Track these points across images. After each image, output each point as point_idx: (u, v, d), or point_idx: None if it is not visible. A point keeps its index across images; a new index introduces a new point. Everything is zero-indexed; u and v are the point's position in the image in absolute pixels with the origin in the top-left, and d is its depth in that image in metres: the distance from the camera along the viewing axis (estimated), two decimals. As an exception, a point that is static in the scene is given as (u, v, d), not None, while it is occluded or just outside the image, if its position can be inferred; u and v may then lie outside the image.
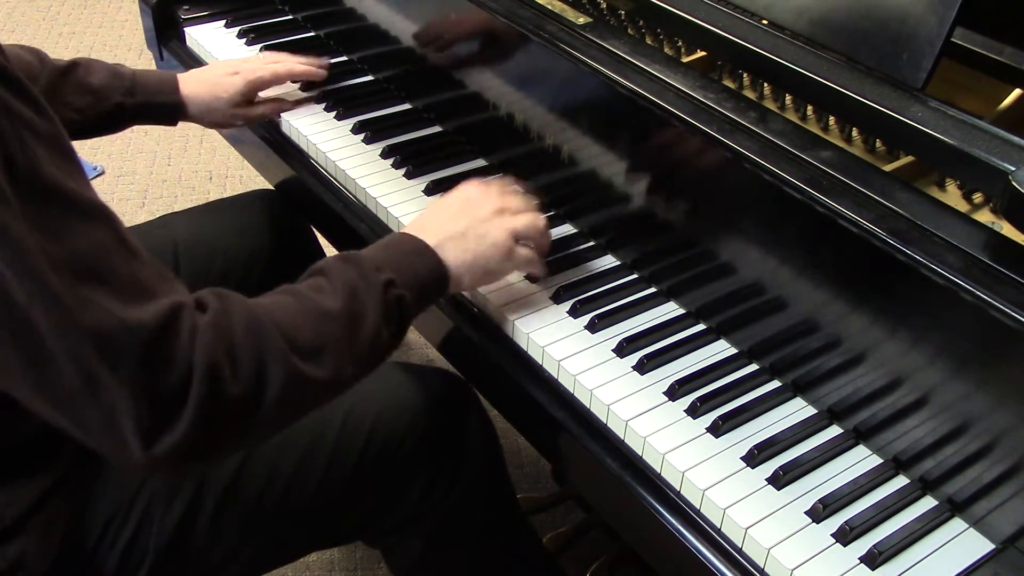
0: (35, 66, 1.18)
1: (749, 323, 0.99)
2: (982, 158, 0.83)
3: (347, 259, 0.88)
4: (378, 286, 0.86)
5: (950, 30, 0.87)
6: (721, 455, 0.90)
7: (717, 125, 0.95)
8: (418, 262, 0.93)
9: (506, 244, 0.99)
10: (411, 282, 0.90)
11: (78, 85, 1.21)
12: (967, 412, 0.82)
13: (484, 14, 1.17)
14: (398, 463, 1.05)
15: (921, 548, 0.84)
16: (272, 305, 0.81)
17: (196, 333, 0.73)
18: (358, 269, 0.87)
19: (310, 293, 0.84)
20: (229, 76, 1.31)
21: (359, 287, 0.85)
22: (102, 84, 1.22)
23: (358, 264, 0.87)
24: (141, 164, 2.63)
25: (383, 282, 0.87)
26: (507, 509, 1.21)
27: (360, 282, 0.85)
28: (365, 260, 0.88)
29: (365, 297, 0.85)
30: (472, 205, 1.01)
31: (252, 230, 1.34)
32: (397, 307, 0.88)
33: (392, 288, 0.87)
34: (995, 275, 0.77)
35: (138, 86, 1.25)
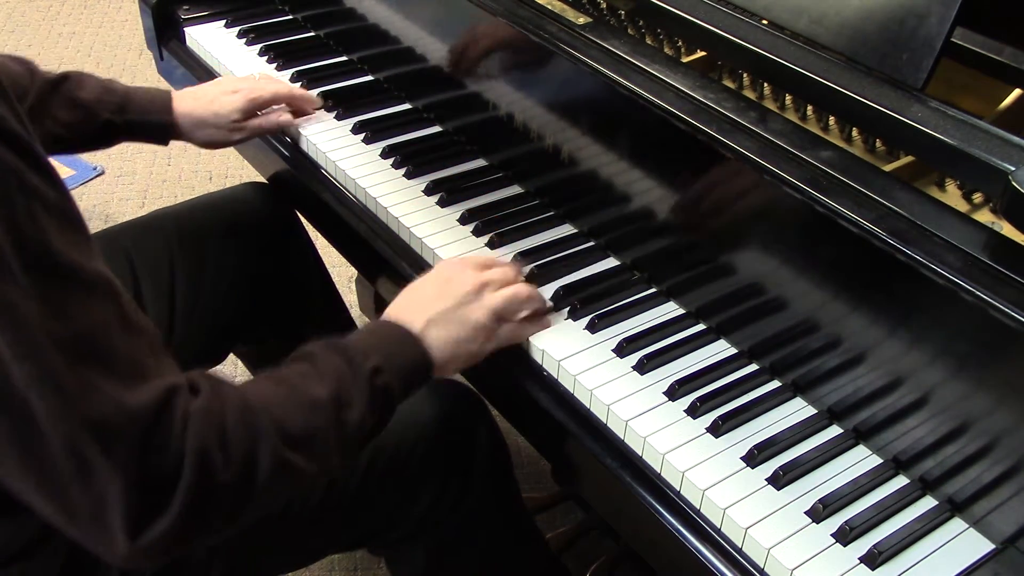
0: (24, 78, 1.16)
1: (749, 323, 0.99)
2: (982, 158, 0.83)
3: (334, 346, 0.87)
4: (365, 374, 0.85)
5: (950, 30, 0.87)
6: (721, 455, 0.90)
7: (717, 125, 0.95)
8: (403, 351, 0.91)
9: (488, 326, 0.97)
10: (397, 371, 0.89)
11: (68, 99, 1.18)
12: (967, 412, 0.82)
13: (484, 14, 1.17)
14: (406, 475, 1.05)
15: (921, 548, 0.84)
16: (262, 392, 0.80)
17: (188, 419, 0.72)
18: (345, 356, 0.86)
19: (298, 381, 0.83)
20: (228, 94, 1.29)
21: (346, 375, 0.84)
22: (92, 99, 1.19)
23: (345, 352, 0.86)
24: (141, 164, 2.63)
25: (369, 370, 0.86)
26: (515, 518, 1.20)
27: (347, 370, 0.85)
28: (352, 348, 0.87)
29: (352, 385, 0.84)
30: (452, 285, 0.98)
31: (244, 224, 1.34)
32: (383, 396, 0.87)
33: (379, 376, 0.86)
34: (995, 275, 0.77)
35: (129, 103, 1.22)
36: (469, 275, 1.00)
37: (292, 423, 0.79)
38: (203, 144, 1.32)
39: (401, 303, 0.98)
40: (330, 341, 0.88)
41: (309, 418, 0.81)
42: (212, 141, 1.31)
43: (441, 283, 0.99)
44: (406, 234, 1.18)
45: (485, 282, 0.99)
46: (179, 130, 1.27)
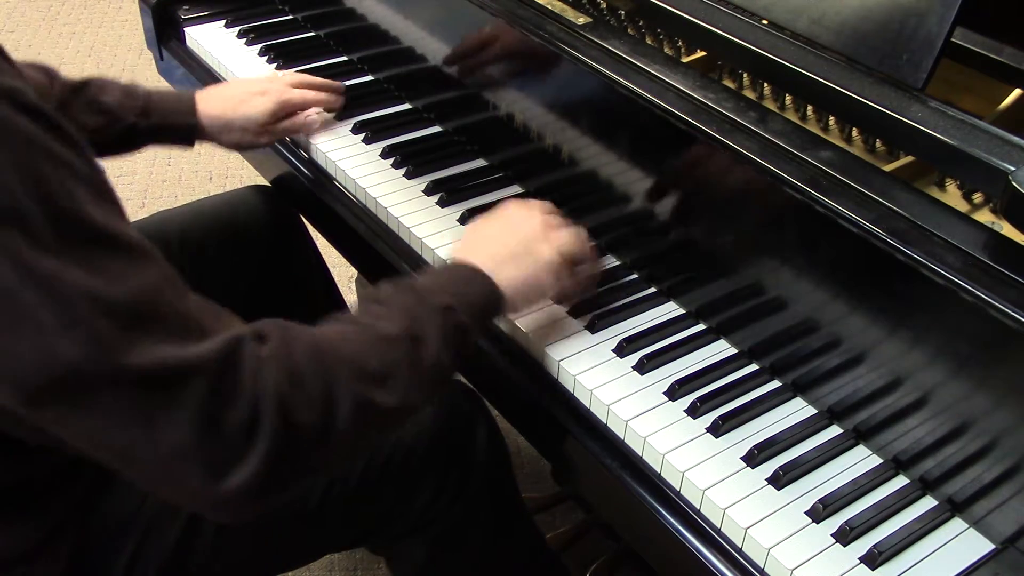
0: (45, 84, 1.15)
1: (749, 323, 0.99)
2: (982, 158, 0.83)
3: (403, 286, 0.87)
4: (437, 312, 0.85)
5: (950, 30, 0.87)
6: (721, 455, 0.90)
7: (717, 125, 0.95)
8: (474, 288, 0.92)
9: (557, 263, 0.98)
10: (468, 306, 0.89)
11: (90, 104, 1.17)
12: (967, 412, 0.82)
13: (484, 15, 1.17)
14: (405, 472, 1.05)
15: (921, 548, 0.84)
16: (333, 333, 0.80)
17: (260, 365, 0.72)
18: (415, 295, 0.86)
19: (370, 320, 0.83)
20: (258, 96, 1.27)
21: (418, 313, 0.84)
22: (115, 104, 1.18)
23: (415, 291, 0.87)
24: (141, 164, 2.63)
25: (442, 308, 0.86)
26: (513, 515, 1.20)
27: (419, 308, 0.85)
28: (422, 287, 0.88)
29: (425, 322, 0.84)
30: (518, 224, 0.99)
31: (247, 226, 1.34)
32: (457, 333, 0.87)
33: (451, 313, 0.86)
34: (995, 275, 0.77)
35: (153, 106, 1.21)
36: (535, 215, 1.01)
37: (367, 359, 0.79)
38: (229, 146, 1.30)
39: (467, 243, 0.99)
40: (399, 281, 0.89)
41: (384, 354, 0.80)
42: (239, 143, 1.29)
43: (506, 222, 1.00)
44: (406, 234, 1.18)
45: (551, 223, 1.00)
46: (204, 132, 1.25)
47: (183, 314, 0.70)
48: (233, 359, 0.70)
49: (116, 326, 0.65)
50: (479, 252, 0.95)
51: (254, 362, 0.71)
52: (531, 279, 0.96)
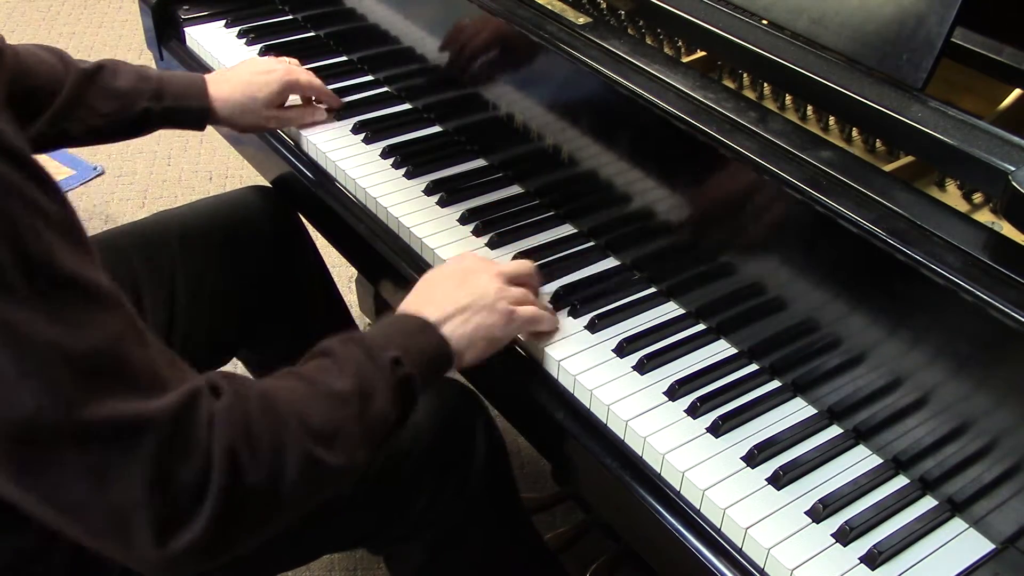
0: (58, 70, 1.15)
1: (749, 323, 0.99)
2: (982, 158, 0.83)
3: (352, 340, 0.86)
4: (386, 365, 0.84)
5: (950, 30, 0.87)
6: (721, 455, 0.90)
7: (717, 125, 0.95)
8: (422, 340, 0.91)
9: (505, 310, 0.97)
10: (417, 360, 0.88)
11: (104, 89, 1.18)
12: (967, 412, 0.82)
13: (484, 14, 1.17)
14: (405, 474, 1.05)
15: (921, 548, 0.84)
16: (283, 389, 0.79)
17: (214, 420, 0.70)
18: (364, 349, 0.85)
19: (318, 375, 0.82)
20: (262, 75, 1.28)
21: (366, 367, 0.83)
22: (129, 88, 1.19)
23: (363, 344, 0.86)
24: (141, 164, 2.63)
25: (390, 361, 0.85)
26: (512, 516, 1.20)
27: (367, 362, 0.84)
28: (370, 340, 0.87)
29: (373, 377, 0.83)
30: (469, 270, 0.99)
31: (247, 226, 1.34)
32: (405, 386, 0.86)
33: (399, 367, 0.85)
34: (995, 275, 0.77)
35: (165, 90, 1.21)
36: (486, 265, 1.01)
37: (316, 417, 0.78)
38: (242, 128, 1.32)
39: (416, 295, 0.98)
40: (346, 335, 0.87)
41: (333, 411, 0.79)
42: (249, 125, 1.31)
43: (456, 273, 0.99)
44: (406, 234, 1.18)
45: (501, 272, 1.00)
46: (216, 115, 1.27)
47: (142, 366, 0.68)
48: (189, 414, 0.69)
49: (75, 377, 0.64)
50: (428, 304, 0.95)
51: (208, 417, 0.70)
52: (480, 328, 0.95)
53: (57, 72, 1.15)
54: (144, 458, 0.66)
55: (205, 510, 0.69)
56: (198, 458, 0.69)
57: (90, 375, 0.65)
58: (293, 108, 1.33)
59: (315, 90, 1.34)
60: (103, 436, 0.65)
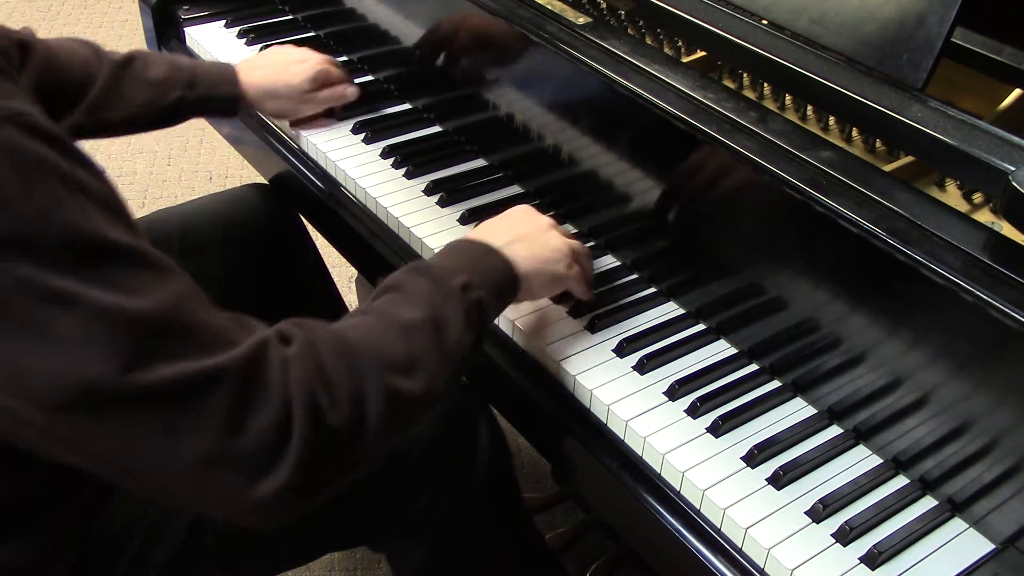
0: (92, 62, 1.17)
1: (749, 323, 0.99)
2: (982, 158, 0.83)
3: (417, 270, 0.87)
4: (455, 291, 0.85)
5: (950, 30, 0.87)
6: (721, 455, 0.90)
7: (717, 125, 0.95)
8: (489, 263, 0.91)
9: (568, 251, 0.98)
10: (486, 283, 0.88)
11: (138, 79, 1.19)
12: (967, 412, 0.82)
13: (484, 14, 1.17)
14: (407, 471, 1.05)
15: (921, 548, 0.84)
16: (355, 327, 0.80)
17: (287, 367, 0.71)
18: (431, 277, 0.85)
19: (389, 309, 0.82)
20: (296, 63, 1.30)
21: (438, 296, 0.84)
22: (162, 77, 1.20)
23: (430, 273, 0.86)
24: (141, 164, 2.63)
25: (459, 286, 0.85)
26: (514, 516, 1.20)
27: (437, 290, 0.84)
28: (436, 268, 0.87)
29: (444, 304, 0.84)
30: (528, 217, 1.00)
31: (246, 224, 1.34)
32: (477, 309, 0.86)
33: (469, 291, 0.86)
34: (995, 275, 0.77)
35: (198, 79, 1.23)
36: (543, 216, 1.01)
37: (392, 350, 0.78)
38: (273, 114, 1.33)
39: (480, 228, 0.99)
40: (412, 265, 0.88)
41: (408, 342, 0.80)
42: (282, 112, 1.32)
43: (517, 214, 1.01)
44: (406, 234, 1.18)
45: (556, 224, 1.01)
46: (247, 101, 1.28)
47: (206, 326, 0.69)
48: (259, 363, 0.70)
49: (139, 340, 0.65)
50: (492, 233, 0.95)
51: (280, 364, 0.71)
52: (546, 262, 0.96)
53: (91, 64, 1.17)
54: (215, 411, 0.67)
55: (290, 455, 0.69)
56: (275, 405, 0.69)
57: (154, 337, 0.66)
58: (325, 92, 1.32)
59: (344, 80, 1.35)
60: (171, 395, 0.66)
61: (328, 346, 0.75)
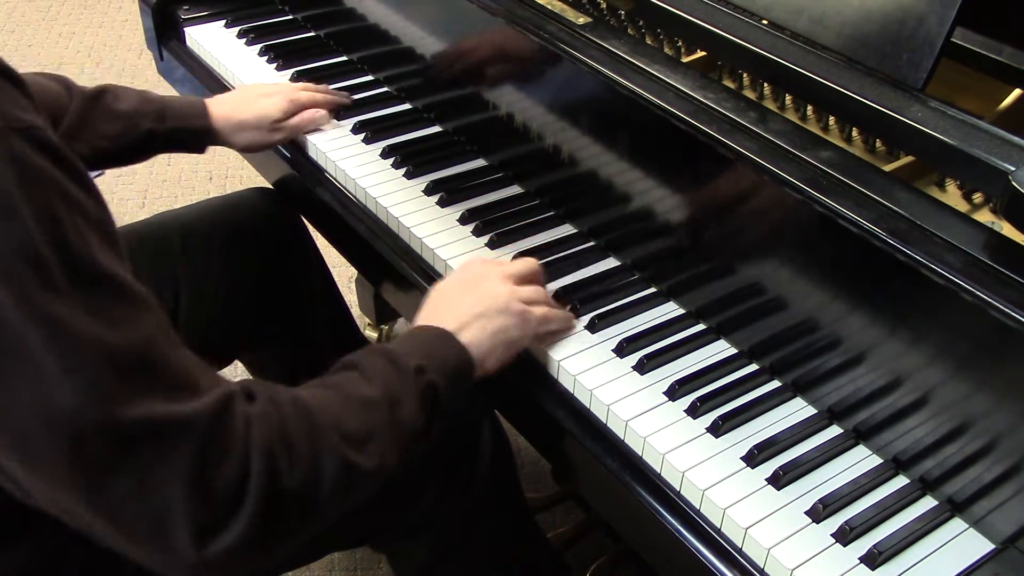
0: (63, 96, 1.17)
1: (749, 323, 0.99)
2: (982, 158, 0.83)
3: (375, 351, 0.88)
4: (410, 373, 0.85)
5: (950, 30, 0.87)
6: (721, 455, 0.90)
7: (717, 125, 0.95)
8: (443, 349, 0.92)
9: (519, 311, 0.97)
10: (440, 367, 0.89)
11: (108, 112, 1.19)
12: (967, 412, 0.82)
13: (484, 15, 1.17)
14: (409, 471, 1.04)
15: (921, 548, 0.84)
16: (314, 395, 0.80)
17: (250, 423, 0.71)
18: (388, 359, 0.86)
19: (346, 384, 0.83)
20: (265, 97, 1.30)
21: (392, 375, 0.85)
22: (132, 110, 1.20)
23: (385, 354, 0.87)
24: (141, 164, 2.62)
25: (414, 368, 0.86)
26: (517, 516, 1.20)
27: (392, 370, 0.85)
28: (393, 351, 0.88)
29: (399, 384, 0.84)
30: (478, 276, 1.00)
31: (248, 227, 1.34)
32: (431, 392, 0.87)
33: (423, 374, 0.87)
34: (995, 275, 0.77)
35: (168, 111, 1.23)
36: (493, 269, 1.01)
37: (349, 422, 0.79)
38: (242, 148, 1.32)
39: (429, 309, 0.99)
40: (369, 348, 0.89)
41: (364, 417, 0.81)
42: (252, 144, 1.31)
43: (465, 281, 1.00)
44: (406, 234, 1.18)
45: (509, 274, 1.01)
46: (218, 135, 1.28)
47: (176, 367, 0.69)
48: (225, 417, 0.70)
49: (114, 374, 0.64)
50: (442, 313, 0.96)
51: (244, 420, 0.71)
52: (498, 333, 0.95)
53: (61, 98, 1.16)
54: (182, 460, 0.66)
55: (244, 513, 0.69)
56: (236, 461, 0.69)
57: (129, 373, 0.65)
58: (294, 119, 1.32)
59: (318, 104, 1.34)
60: (142, 436, 0.65)
61: (291, 408, 0.76)
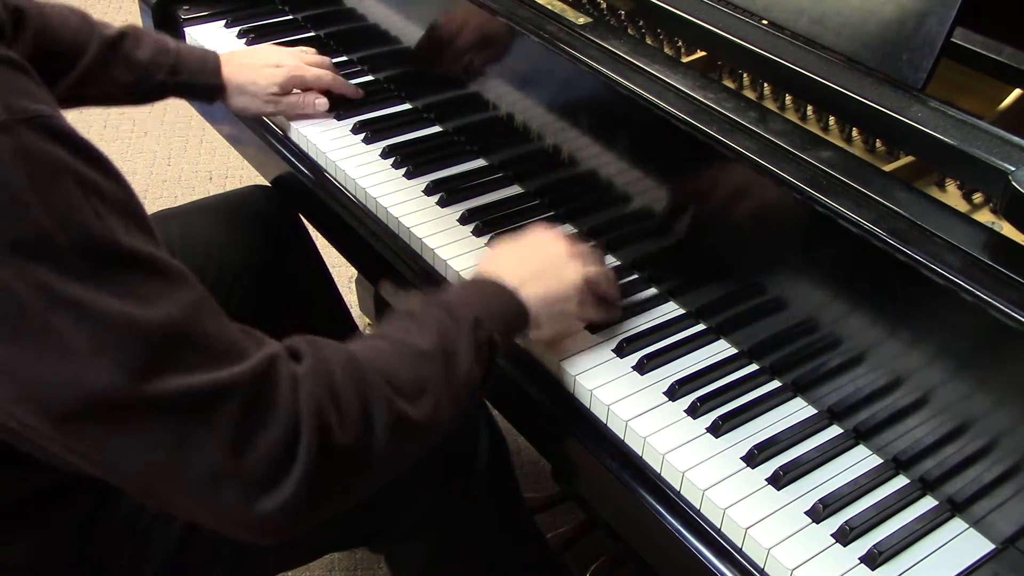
0: (83, 32, 1.18)
1: (749, 323, 0.99)
2: (982, 158, 0.83)
3: (433, 302, 0.88)
4: (467, 325, 0.85)
5: (950, 30, 0.87)
6: (721, 455, 0.90)
7: (717, 125, 0.95)
8: (501, 303, 0.92)
9: (582, 287, 0.97)
10: (497, 321, 0.89)
11: (125, 59, 1.21)
12: (967, 412, 0.82)
13: (484, 14, 1.17)
14: (408, 474, 1.04)
15: (921, 548, 0.84)
16: (366, 348, 0.80)
17: (297, 383, 0.71)
18: (446, 310, 0.86)
19: (402, 335, 0.83)
20: (270, 67, 1.31)
21: (449, 327, 0.84)
22: (148, 60, 1.22)
23: (445, 305, 0.87)
24: (141, 164, 2.63)
25: (472, 321, 0.86)
26: (515, 516, 1.20)
27: (450, 322, 0.85)
28: (451, 302, 0.88)
29: (456, 336, 0.84)
30: (546, 246, 0.99)
31: (247, 226, 1.34)
32: (487, 346, 0.87)
33: (481, 327, 0.86)
34: (995, 275, 0.77)
35: (182, 64, 1.25)
36: (563, 241, 1.01)
37: (401, 375, 0.79)
38: (237, 110, 1.34)
39: (491, 260, 0.99)
40: (428, 297, 0.89)
41: (417, 369, 0.80)
42: (245, 108, 1.33)
43: (530, 242, 1.00)
44: (406, 234, 1.18)
45: (578, 251, 1.00)
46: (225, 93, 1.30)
47: (217, 337, 0.69)
48: (269, 379, 0.70)
49: (149, 350, 0.65)
50: (503, 268, 0.95)
51: (290, 380, 0.71)
52: (555, 297, 0.95)
53: (82, 34, 1.18)
54: (223, 425, 0.67)
55: (296, 471, 0.69)
56: (284, 421, 0.69)
57: (163, 348, 0.65)
58: (290, 97, 1.33)
59: (323, 84, 1.35)
60: (179, 407, 0.66)
61: (340, 365, 0.75)
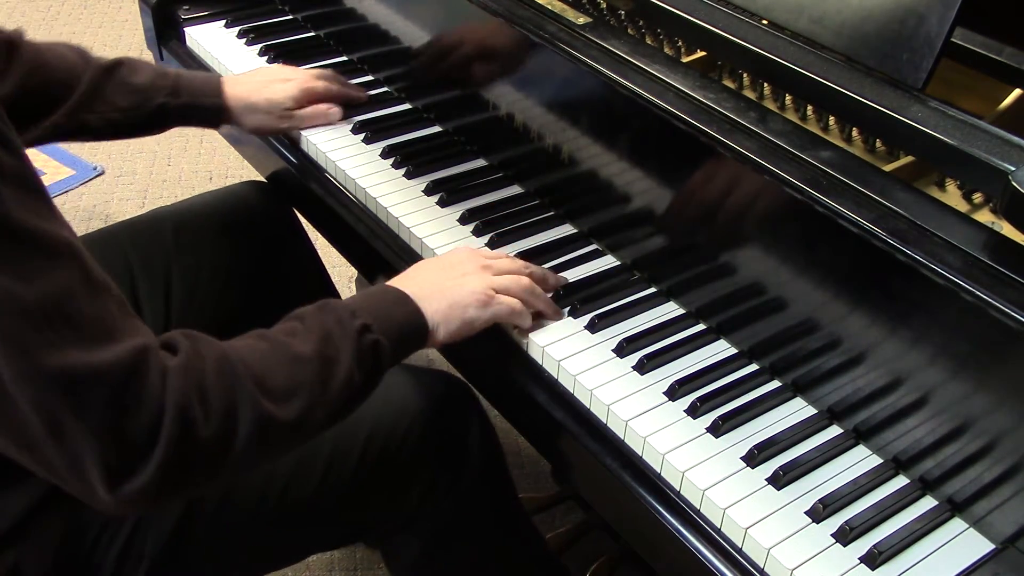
0: (78, 64, 1.18)
1: (749, 323, 0.99)
2: (982, 158, 0.83)
3: (323, 306, 0.89)
4: (352, 331, 0.87)
5: (950, 30, 0.87)
6: (721, 455, 0.90)
7: (717, 125, 0.95)
8: (396, 310, 0.94)
9: (484, 292, 0.99)
10: (388, 328, 0.90)
11: (122, 84, 1.20)
12: (967, 412, 0.82)
13: (484, 14, 1.17)
14: (397, 466, 1.05)
15: (921, 548, 0.84)
16: (244, 348, 0.82)
17: (166, 375, 0.73)
18: (334, 315, 0.88)
19: (283, 338, 0.85)
20: (281, 82, 1.31)
21: (333, 332, 0.86)
22: (146, 84, 1.22)
23: (334, 310, 0.88)
24: (141, 164, 2.63)
25: (358, 327, 0.87)
26: (509, 510, 1.20)
27: (335, 327, 0.86)
28: (341, 307, 0.89)
29: (339, 342, 0.86)
30: (457, 261, 1.02)
31: (242, 221, 1.34)
32: (372, 352, 0.88)
33: (367, 334, 0.88)
34: (995, 275, 0.77)
35: (182, 87, 1.24)
36: (477, 256, 1.03)
37: (274, 377, 0.81)
38: (251, 129, 1.33)
39: (402, 275, 1.01)
40: (323, 302, 0.90)
41: (292, 372, 0.82)
42: (260, 127, 1.32)
43: (447, 259, 1.03)
44: (406, 234, 1.18)
45: (491, 264, 1.02)
46: (230, 114, 1.29)
47: (95, 316, 0.71)
48: (139, 368, 0.72)
49: (27, 326, 0.67)
50: (410, 280, 0.98)
51: (159, 372, 0.73)
52: (456, 307, 0.97)
53: (76, 67, 1.18)
54: (94, 408, 0.70)
55: (154, 459, 0.72)
56: (149, 410, 0.72)
57: (41, 324, 0.68)
58: (305, 109, 1.33)
59: (333, 96, 1.35)
60: (57, 384, 0.68)
61: (213, 362, 0.77)
